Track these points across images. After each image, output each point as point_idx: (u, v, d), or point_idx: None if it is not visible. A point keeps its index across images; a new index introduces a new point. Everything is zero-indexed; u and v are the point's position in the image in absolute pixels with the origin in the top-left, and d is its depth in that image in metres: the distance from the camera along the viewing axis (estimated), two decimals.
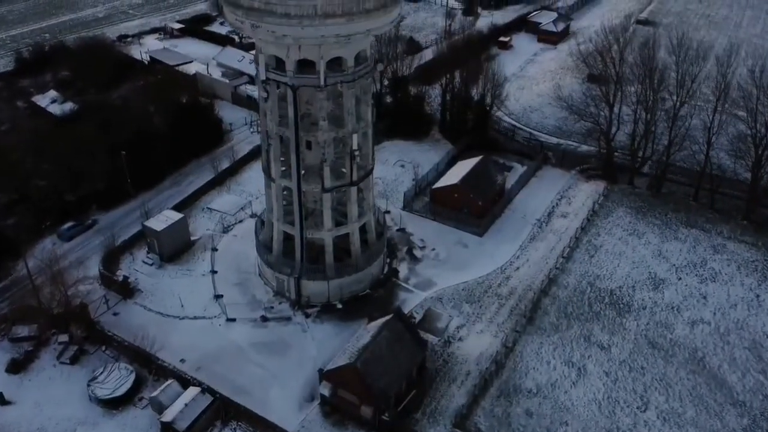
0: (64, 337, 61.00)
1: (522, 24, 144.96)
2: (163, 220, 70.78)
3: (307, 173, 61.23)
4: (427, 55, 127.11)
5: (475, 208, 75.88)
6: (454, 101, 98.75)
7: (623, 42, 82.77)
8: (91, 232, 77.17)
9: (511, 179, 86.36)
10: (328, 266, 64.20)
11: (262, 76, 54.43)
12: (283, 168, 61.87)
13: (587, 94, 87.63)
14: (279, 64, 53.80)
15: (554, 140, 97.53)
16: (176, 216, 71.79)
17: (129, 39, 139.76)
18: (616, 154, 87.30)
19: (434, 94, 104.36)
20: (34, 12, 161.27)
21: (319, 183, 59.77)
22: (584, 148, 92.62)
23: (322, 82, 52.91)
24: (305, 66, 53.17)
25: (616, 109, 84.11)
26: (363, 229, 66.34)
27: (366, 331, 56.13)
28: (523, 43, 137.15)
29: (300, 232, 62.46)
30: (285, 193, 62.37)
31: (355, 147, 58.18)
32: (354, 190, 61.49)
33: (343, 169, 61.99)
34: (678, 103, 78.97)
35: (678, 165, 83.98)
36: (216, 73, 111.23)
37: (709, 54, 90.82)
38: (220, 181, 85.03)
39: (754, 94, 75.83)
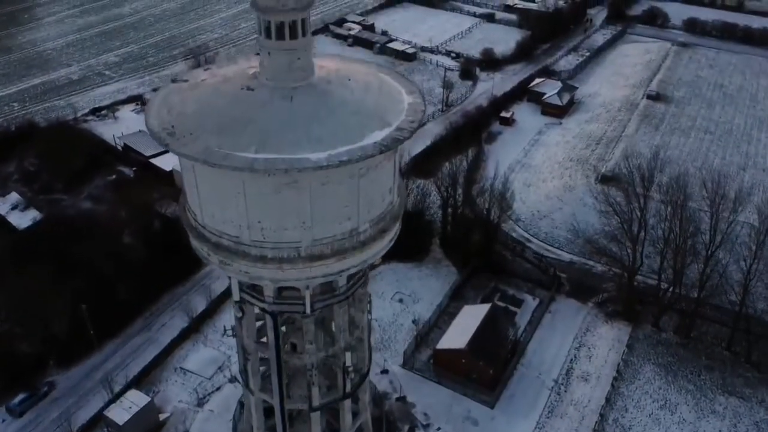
0: None
1: (524, 92, 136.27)
2: (126, 406, 61.27)
3: (293, 379, 51.99)
4: (424, 136, 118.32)
5: (484, 376, 66.83)
6: (456, 216, 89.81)
7: (648, 176, 73.68)
8: (46, 402, 67.51)
9: (522, 319, 77.47)
10: None
11: (236, 297, 45.03)
12: (263, 369, 52.40)
13: (607, 226, 78.44)
14: (256, 285, 44.46)
15: (566, 256, 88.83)
16: (142, 400, 62.23)
17: (103, 112, 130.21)
18: (638, 277, 78.74)
19: (431, 190, 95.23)
20: (2, 73, 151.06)
21: (306, 399, 50.48)
22: (600, 266, 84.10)
23: (308, 310, 43.57)
24: (288, 288, 43.89)
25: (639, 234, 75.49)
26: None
27: None
28: (526, 116, 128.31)
29: None
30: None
31: (348, 364, 48.93)
32: (347, 401, 52.23)
33: (335, 368, 52.84)
34: (711, 249, 70.25)
35: (709, 302, 75.47)
36: None
37: (747, 195, 79.22)
38: (195, 327, 75.59)
39: None
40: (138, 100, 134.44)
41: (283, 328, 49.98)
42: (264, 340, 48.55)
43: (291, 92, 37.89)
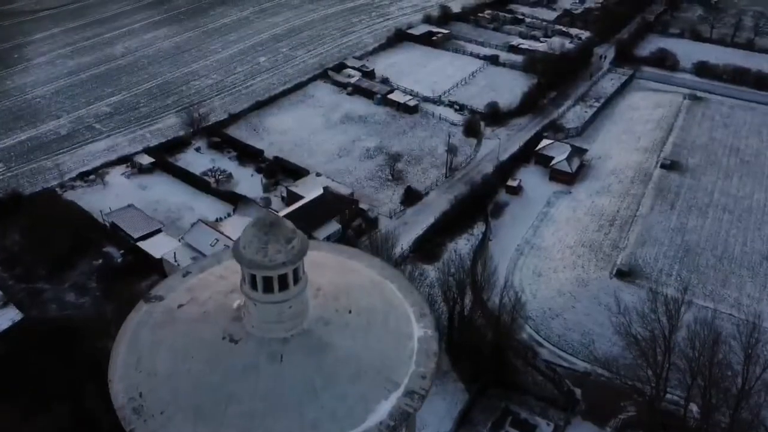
0: None
1: (530, 151, 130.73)
2: None
3: None
4: (426, 211, 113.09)
5: None
6: (463, 320, 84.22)
7: (675, 314, 68.09)
8: None
9: None
10: None
11: None
12: None
13: (628, 349, 72.97)
14: None
15: (581, 364, 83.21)
16: None
17: (91, 177, 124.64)
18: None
19: (435, 281, 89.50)
20: None
21: None
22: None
23: None
24: None
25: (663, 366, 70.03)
26: None
27: None
28: (534, 182, 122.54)
29: None
30: None
31: None
32: None
33: None
34: (743, 389, 64.74)
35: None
36: (185, 259, 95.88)
37: None
38: None
39: None
40: (128, 161, 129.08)
41: None
42: None
43: (281, 347, 32.15)
